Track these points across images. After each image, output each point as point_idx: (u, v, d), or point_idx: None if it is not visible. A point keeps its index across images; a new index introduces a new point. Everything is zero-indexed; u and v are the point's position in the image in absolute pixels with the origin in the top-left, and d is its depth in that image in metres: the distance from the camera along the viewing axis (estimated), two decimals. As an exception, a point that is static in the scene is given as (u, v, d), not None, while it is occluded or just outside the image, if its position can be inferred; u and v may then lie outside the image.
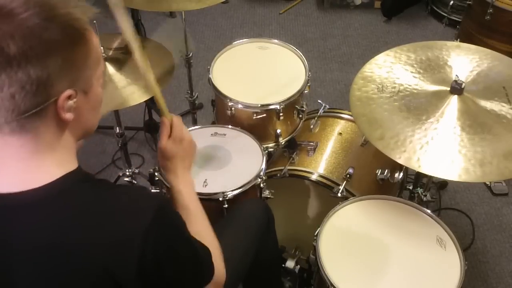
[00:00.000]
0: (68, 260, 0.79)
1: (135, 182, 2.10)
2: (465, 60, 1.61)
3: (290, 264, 1.75)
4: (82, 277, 0.80)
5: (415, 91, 1.52)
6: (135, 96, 1.63)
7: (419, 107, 1.46)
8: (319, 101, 2.05)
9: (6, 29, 0.74)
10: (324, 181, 1.73)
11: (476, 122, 1.41)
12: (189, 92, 2.35)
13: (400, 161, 1.35)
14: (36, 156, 0.83)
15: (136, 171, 2.12)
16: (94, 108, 0.91)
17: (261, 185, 1.60)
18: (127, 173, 2.08)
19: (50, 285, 0.81)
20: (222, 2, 2.71)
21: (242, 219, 1.47)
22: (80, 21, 0.81)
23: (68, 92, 0.81)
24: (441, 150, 1.36)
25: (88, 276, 0.80)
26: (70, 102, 0.82)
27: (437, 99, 1.47)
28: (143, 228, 0.82)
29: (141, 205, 0.86)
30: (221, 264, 1.10)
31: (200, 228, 1.10)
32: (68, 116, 0.82)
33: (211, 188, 1.52)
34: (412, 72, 1.57)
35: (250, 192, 1.58)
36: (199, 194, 1.47)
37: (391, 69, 1.59)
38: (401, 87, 1.53)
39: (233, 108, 1.76)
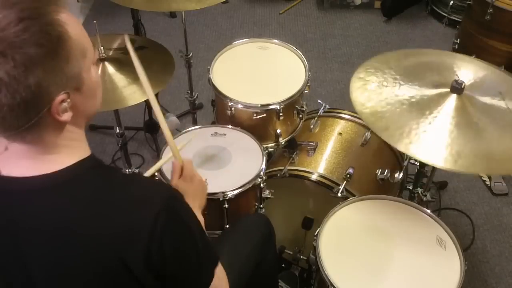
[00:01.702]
0: (81, 246, 0.81)
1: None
2: (462, 65, 1.60)
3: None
4: (95, 262, 0.81)
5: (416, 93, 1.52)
6: (135, 96, 1.63)
7: (421, 102, 1.46)
8: (319, 101, 2.05)
9: None
10: (324, 181, 1.73)
11: (471, 121, 1.41)
12: (189, 92, 2.35)
13: (400, 149, 1.37)
14: (45, 155, 0.84)
15: (136, 171, 2.12)
16: (92, 96, 0.89)
17: (261, 185, 1.60)
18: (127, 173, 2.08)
19: (64, 269, 0.81)
20: (222, 2, 2.71)
21: (243, 232, 1.49)
22: (53, 25, 0.76)
23: (60, 97, 0.79)
24: (435, 140, 1.37)
25: (101, 262, 0.81)
26: (64, 105, 0.81)
27: (438, 97, 1.47)
28: (152, 217, 0.83)
29: (151, 194, 0.87)
30: (224, 278, 1.10)
31: None
32: (66, 117, 0.82)
33: (211, 188, 1.52)
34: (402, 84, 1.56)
35: (250, 192, 1.58)
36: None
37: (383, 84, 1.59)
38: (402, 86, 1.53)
39: (233, 108, 1.76)
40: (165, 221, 0.84)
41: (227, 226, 1.57)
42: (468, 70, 1.58)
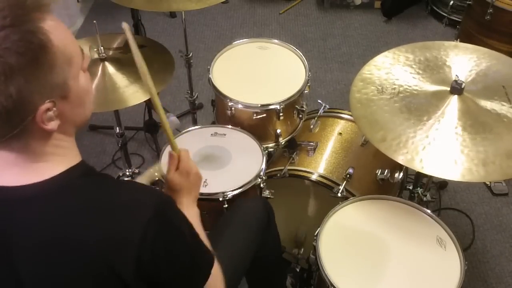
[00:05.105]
0: (71, 254, 0.80)
1: (135, 182, 2.11)
2: (463, 60, 1.61)
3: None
4: (86, 270, 0.80)
5: (415, 91, 1.51)
6: (136, 95, 1.63)
7: (420, 108, 1.46)
8: (319, 101, 2.05)
9: None
10: (324, 181, 1.73)
11: (477, 122, 1.41)
12: (189, 92, 2.35)
13: (402, 162, 1.35)
14: (33, 163, 0.83)
15: (136, 171, 2.12)
16: (81, 104, 0.87)
17: (261, 185, 1.60)
18: (127, 173, 2.08)
19: (55, 278, 0.81)
20: (222, 2, 2.70)
21: (241, 216, 1.47)
22: (35, 33, 0.75)
23: (45, 106, 0.78)
24: (443, 150, 1.35)
25: (92, 271, 0.80)
26: (50, 113, 0.79)
27: (438, 99, 1.47)
28: (142, 224, 0.82)
29: (142, 201, 0.86)
30: (219, 275, 1.09)
31: None
32: (52, 125, 0.80)
33: (211, 188, 1.52)
34: (411, 73, 1.57)
35: (250, 192, 1.58)
36: (199, 194, 1.48)
37: (390, 70, 1.59)
38: (401, 88, 1.53)
39: (233, 108, 1.76)
40: (156, 228, 0.83)
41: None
42: (465, 62, 1.59)
